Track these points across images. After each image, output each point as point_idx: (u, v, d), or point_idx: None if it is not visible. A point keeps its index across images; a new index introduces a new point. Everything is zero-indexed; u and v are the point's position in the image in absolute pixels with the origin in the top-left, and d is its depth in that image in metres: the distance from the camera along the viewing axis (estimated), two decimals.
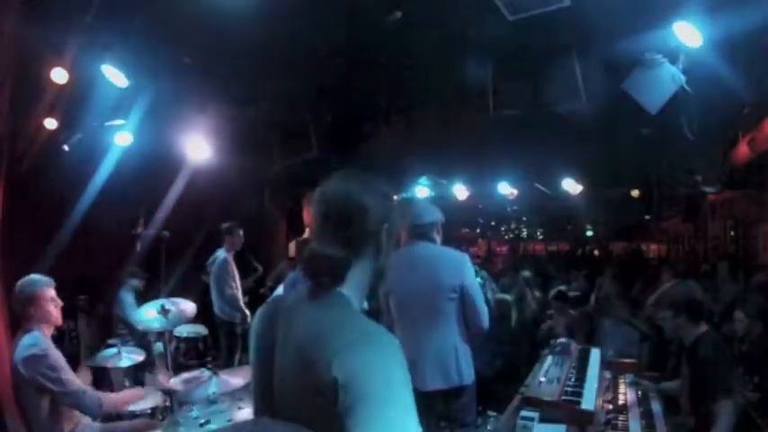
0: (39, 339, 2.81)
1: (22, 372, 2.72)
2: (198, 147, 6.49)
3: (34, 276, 2.94)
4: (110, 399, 2.97)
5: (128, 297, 5.62)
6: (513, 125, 5.74)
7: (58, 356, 2.83)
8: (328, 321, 1.19)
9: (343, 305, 1.24)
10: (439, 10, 4.39)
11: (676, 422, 2.81)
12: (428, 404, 2.94)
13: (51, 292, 2.93)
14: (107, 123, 5.60)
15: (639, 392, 3.07)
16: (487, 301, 3.44)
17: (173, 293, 4.78)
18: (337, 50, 5.22)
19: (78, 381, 2.86)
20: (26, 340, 2.80)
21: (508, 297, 5.09)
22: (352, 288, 1.28)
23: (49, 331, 2.94)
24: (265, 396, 1.28)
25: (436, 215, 3.27)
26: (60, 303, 2.99)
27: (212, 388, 3.08)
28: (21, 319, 2.88)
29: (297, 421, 1.16)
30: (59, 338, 3.28)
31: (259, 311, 1.40)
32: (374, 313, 3.34)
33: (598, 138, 6.85)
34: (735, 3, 3.53)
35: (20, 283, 2.90)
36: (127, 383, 4.29)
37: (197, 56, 4.77)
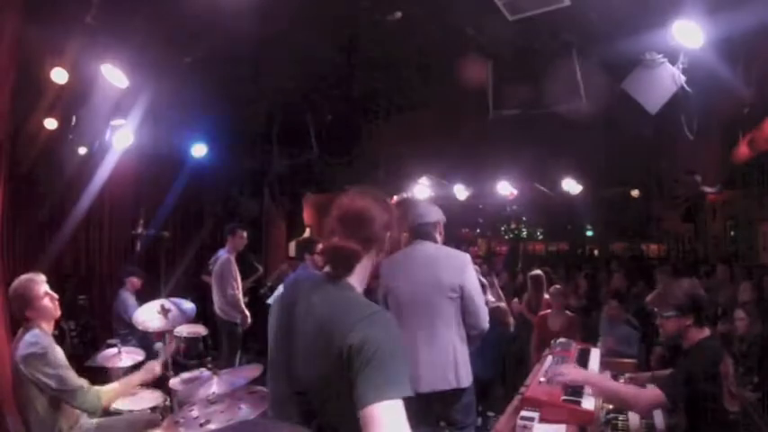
0: (39, 337, 2.80)
1: (23, 370, 2.72)
2: (198, 147, 6.50)
3: (23, 277, 2.92)
4: (108, 391, 2.96)
5: (127, 297, 5.62)
6: (513, 125, 5.74)
7: (58, 354, 2.82)
8: (342, 302, 1.50)
9: (351, 290, 1.56)
10: (439, 10, 4.39)
11: (676, 422, 2.80)
12: (427, 405, 2.93)
13: (44, 287, 2.92)
14: (107, 123, 5.60)
15: None
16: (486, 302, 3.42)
17: (173, 293, 4.78)
18: (337, 50, 5.22)
19: (78, 378, 2.85)
20: (27, 338, 2.80)
21: (503, 305, 5.08)
22: (357, 279, 1.59)
23: (49, 327, 2.93)
24: (285, 366, 1.53)
25: (437, 215, 3.26)
26: (55, 296, 2.97)
27: (212, 388, 3.08)
28: (20, 318, 2.88)
29: (315, 383, 1.43)
30: (60, 338, 3.27)
31: (279, 295, 1.69)
32: None
33: (598, 138, 6.85)
34: (735, 3, 3.53)
35: (11, 287, 2.89)
36: None
37: (197, 56, 4.77)
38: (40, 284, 2.92)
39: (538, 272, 6.18)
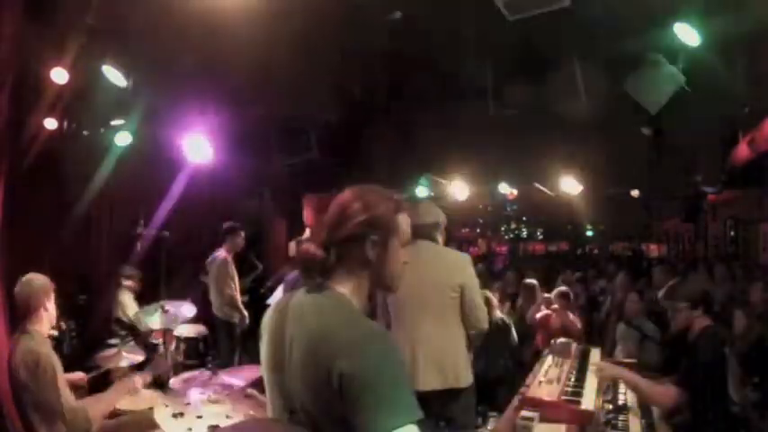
0: (39, 343, 2.76)
1: (21, 374, 2.67)
2: (198, 147, 6.49)
3: (47, 280, 2.90)
4: (96, 406, 2.90)
5: (126, 297, 5.62)
6: (513, 125, 5.75)
7: (56, 363, 2.74)
8: (334, 320, 1.31)
9: (344, 305, 1.36)
10: (439, 10, 4.39)
11: (676, 422, 2.80)
12: (426, 404, 2.92)
13: (52, 295, 2.91)
14: (107, 123, 5.61)
15: None
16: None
17: (173, 293, 4.78)
18: (337, 50, 5.22)
19: (71, 396, 2.77)
20: (26, 341, 2.75)
21: (504, 317, 5.07)
22: (351, 290, 1.40)
23: (47, 333, 2.91)
24: (279, 388, 1.38)
25: (438, 216, 3.25)
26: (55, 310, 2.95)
27: (212, 388, 3.07)
28: (21, 317, 2.83)
29: (307, 411, 1.28)
30: (59, 338, 3.25)
31: (271, 308, 1.50)
32: (372, 313, 3.34)
33: (598, 138, 6.86)
34: (734, 3, 3.54)
35: (28, 277, 2.86)
36: None
37: (197, 56, 4.77)
38: (51, 291, 2.90)
39: (531, 281, 6.19)
